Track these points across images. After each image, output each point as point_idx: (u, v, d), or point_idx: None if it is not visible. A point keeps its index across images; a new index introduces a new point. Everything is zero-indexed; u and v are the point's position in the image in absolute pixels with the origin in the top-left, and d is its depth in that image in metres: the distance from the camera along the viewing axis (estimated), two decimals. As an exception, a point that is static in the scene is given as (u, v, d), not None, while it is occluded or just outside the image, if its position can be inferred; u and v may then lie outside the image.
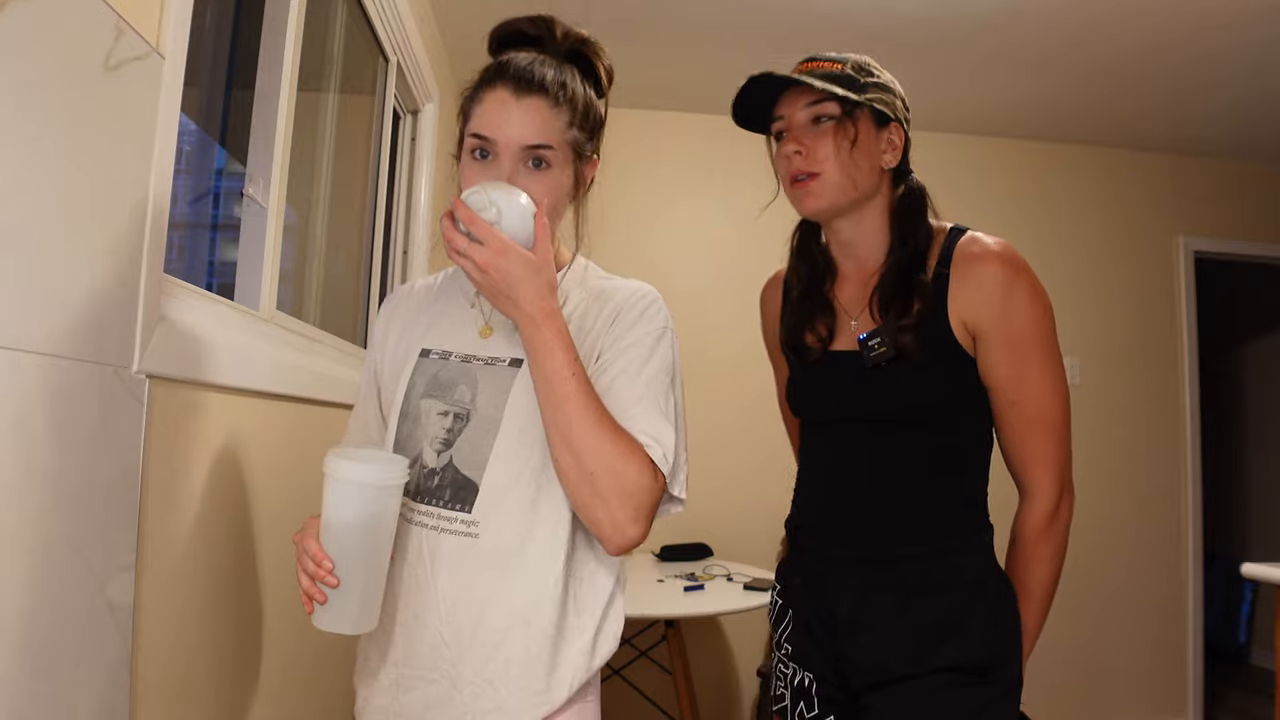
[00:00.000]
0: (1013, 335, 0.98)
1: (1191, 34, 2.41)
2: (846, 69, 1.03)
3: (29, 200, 0.65)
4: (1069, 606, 3.21)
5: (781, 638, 1.12)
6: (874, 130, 1.03)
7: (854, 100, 1.00)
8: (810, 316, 1.10)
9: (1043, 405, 0.99)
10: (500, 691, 0.87)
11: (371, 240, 2.20)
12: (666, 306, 0.98)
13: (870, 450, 1.04)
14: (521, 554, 0.89)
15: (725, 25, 2.47)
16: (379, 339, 1.05)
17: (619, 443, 0.84)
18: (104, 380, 0.76)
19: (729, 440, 2.97)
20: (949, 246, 1.02)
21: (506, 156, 0.89)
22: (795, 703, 1.09)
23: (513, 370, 0.92)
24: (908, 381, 1.00)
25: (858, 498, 1.05)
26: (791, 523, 1.16)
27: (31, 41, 0.64)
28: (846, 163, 1.01)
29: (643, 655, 2.61)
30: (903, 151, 1.06)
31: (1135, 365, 3.32)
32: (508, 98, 0.89)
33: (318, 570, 0.81)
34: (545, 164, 0.90)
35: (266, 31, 1.39)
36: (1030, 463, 1.01)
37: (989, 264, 0.99)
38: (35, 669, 0.67)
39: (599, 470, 0.83)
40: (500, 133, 0.88)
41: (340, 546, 0.81)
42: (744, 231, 3.16)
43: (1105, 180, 3.38)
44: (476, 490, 0.90)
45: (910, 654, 0.98)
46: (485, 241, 0.81)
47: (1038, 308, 0.99)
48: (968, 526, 1.03)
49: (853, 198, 1.03)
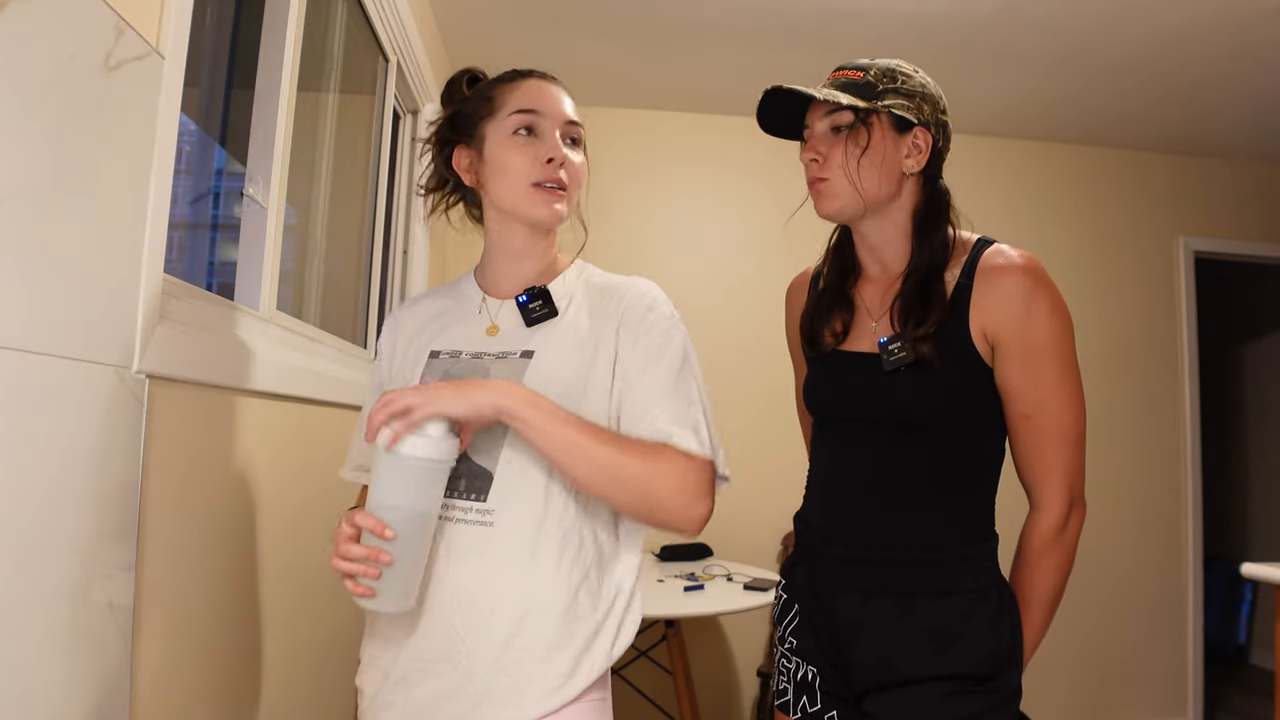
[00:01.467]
0: (1031, 347, 0.98)
1: (1192, 35, 2.41)
2: (868, 76, 1.04)
3: (29, 200, 0.65)
4: (1069, 607, 3.19)
5: (785, 632, 1.13)
6: (893, 136, 1.03)
7: (865, 108, 1.01)
8: (830, 312, 1.12)
9: (1057, 418, 0.99)
10: (518, 681, 0.87)
11: (371, 240, 2.20)
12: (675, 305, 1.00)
13: (880, 453, 1.04)
14: (537, 542, 0.89)
15: (725, 25, 2.47)
16: (386, 353, 1.07)
17: (645, 453, 0.89)
18: (104, 380, 0.76)
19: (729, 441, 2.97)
20: (974, 258, 1.02)
21: (552, 128, 0.97)
22: (798, 696, 1.09)
23: (525, 361, 0.94)
24: (925, 388, 1.00)
25: (864, 500, 1.05)
26: (800, 518, 1.16)
27: (31, 41, 0.64)
28: (853, 170, 1.02)
29: (643, 655, 2.61)
30: (930, 155, 1.05)
31: (1135, 365, 3.33)
32: (545, 84, 0.99)
33: (374, 549, 0.82)
34: (579, 142, 1.00)
35: (266, 31, 1.39)
36: (1042, 475, 1.01)
37: (1012, 275, 0.99)
38: (35, 668, 0.67)
39: (645, 489, 0.88)
40: (548, 106, 0.97)
41: (400, 523, 0.82)
42: (744, 232, 3.17)
43: (1105, 180, 3.38)
44: (491, 479, 0.91)
45: (910, 659, 0.98)
46: (398, 400, 0.83)
47: (1058, 321, 0.99)
48: (973, 534, 1.03)
49: (861, 204, 1.04)
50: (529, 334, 0.97)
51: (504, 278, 1.02)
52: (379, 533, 0.81)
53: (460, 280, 1.09)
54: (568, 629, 0.89)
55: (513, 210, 0.97)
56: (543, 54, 2.62)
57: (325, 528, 1.15)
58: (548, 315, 0.97)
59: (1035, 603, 1.03)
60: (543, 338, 0.96)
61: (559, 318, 0.98)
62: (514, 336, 0.97)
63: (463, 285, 1.07)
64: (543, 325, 0.97)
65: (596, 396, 0.94)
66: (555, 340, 0.96)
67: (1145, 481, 3.29)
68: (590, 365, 0.94)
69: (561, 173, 0.95)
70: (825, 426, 1.14)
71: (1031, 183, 3.33)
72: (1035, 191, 3.33)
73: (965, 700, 0.96)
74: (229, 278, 1.36)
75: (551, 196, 0.96)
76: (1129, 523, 3.25)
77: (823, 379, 1.13)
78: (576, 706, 0.89)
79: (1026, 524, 1.04)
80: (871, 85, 1.03)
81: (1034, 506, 1.04)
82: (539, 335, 0.96)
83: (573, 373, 0.93)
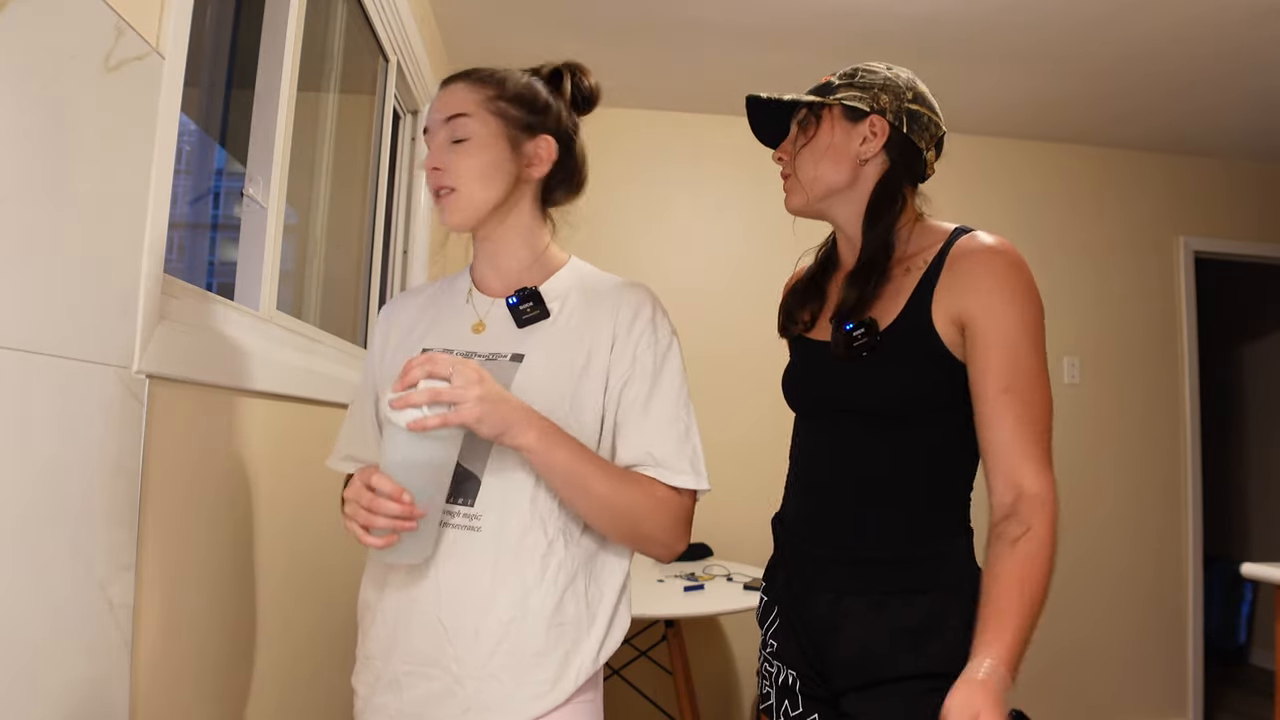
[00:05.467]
0: (1001, 325, 0.95)
1: (1192, 34, 2.41)
2: (832, 78, 1.10)
3: (29, 200, 0.65)
4: (1069, 606, 3.22)
5: (767, 635, 1.12)
6: (844, 125, 1.07)
7: (813, 102, 1.08)
8: (803, 302, 1.14)
9: (1027, 396, 0.94)
10: (506, 685, 0.87)
11: (371, 240, 2.20)
12: (664, 305, 1.00)
13: (848, 446, 1.03)
14: (524, 545, 0.89)
15: (724, 26, 2.47)
16: (378, 346, 1.06)
17: (642, 490, 0.92)
18: (104, 380, 0.76)
19: (728, 440, 2.97)
20: (948, 246, 1.02)
21: (438, 136, 0.96)
22: (780, 701, 1.08)
23: (514, 365, 0.93)
24: (881, 375, 1.00)
25: (835, 496, 1.04)
26: (777, 517, 1.15)
27: (31, 41, 0.64)
28: (805, 161, 1.09)
29: (643, 655, 2.61)
30: (888, 140, 1.05)
31: (1135, 365, 3.32)
32: (442, 91, 0.99)
33: (408, 505, 0.81)
34: (463, 136, 0.94)
35: (266, 31, 1.39)
36: (1022, 451, 0.93)
37: (982, 255, 0.98)
38: (35, 668, 0.67)
39: (637, 525, 0.92)
40: (434, 115, 0.97)
41: (418, 482, 0.83)
42: (742, 232, 3.17)
43: (1105, 180, 3.38)
44: (479, 483, 0.90)
45: (887, 657, 0.97)
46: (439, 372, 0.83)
47: (1031, 305, 0.97)
48: (947, 529, 1.01)
49: (818, 192, 1.08)
50: (520, 335, 0.96)
51: (489, 273, 1.02)
52: (397, 497, 0.81)
53: (459, 274, 1.09)
54: (555, 632, 0.89)
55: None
56: (542, 54, 2.60)
57: (325, 527, 1.15)
58: (539, 317, 0.97)
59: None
60: (534, 340, 0.95)
61: (551, 320, 0.97)
62: (504, 337, 0.96)
63: (458, 279, 1.07)
64: (534, 327, 0.97)
65: (586, 403, 0.94)
66: (547, 343, 0.95)
67: (1145, 481, 3.29)
68: (582, 371, 0.94)
69: (441, 177, 0.95)
70: (800, 421, 1.14)
71: (1031, 182, 3.33)
72: (1035, 191, 3.33)
73: (942, 699, 0.94)
74: (229, 278, 1.36)
75: (441, 202, 0.96)
76: (1129, 523, 3.25)
77: (792, 371, 1.15)
78: (566, 709, 0.89)
79: (1021, 510, 0.92)
80: (830, 85, 1.09)
81: (1021, 492, 0.93)
82: (530, 337, 0.96)
83: (563, 378, 0.93)
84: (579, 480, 0.88)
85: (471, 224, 0.97)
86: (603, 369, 0.94)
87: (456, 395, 0.81)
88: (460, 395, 0.81)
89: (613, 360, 0.95)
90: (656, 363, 0.96)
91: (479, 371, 0.84)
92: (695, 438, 0.97)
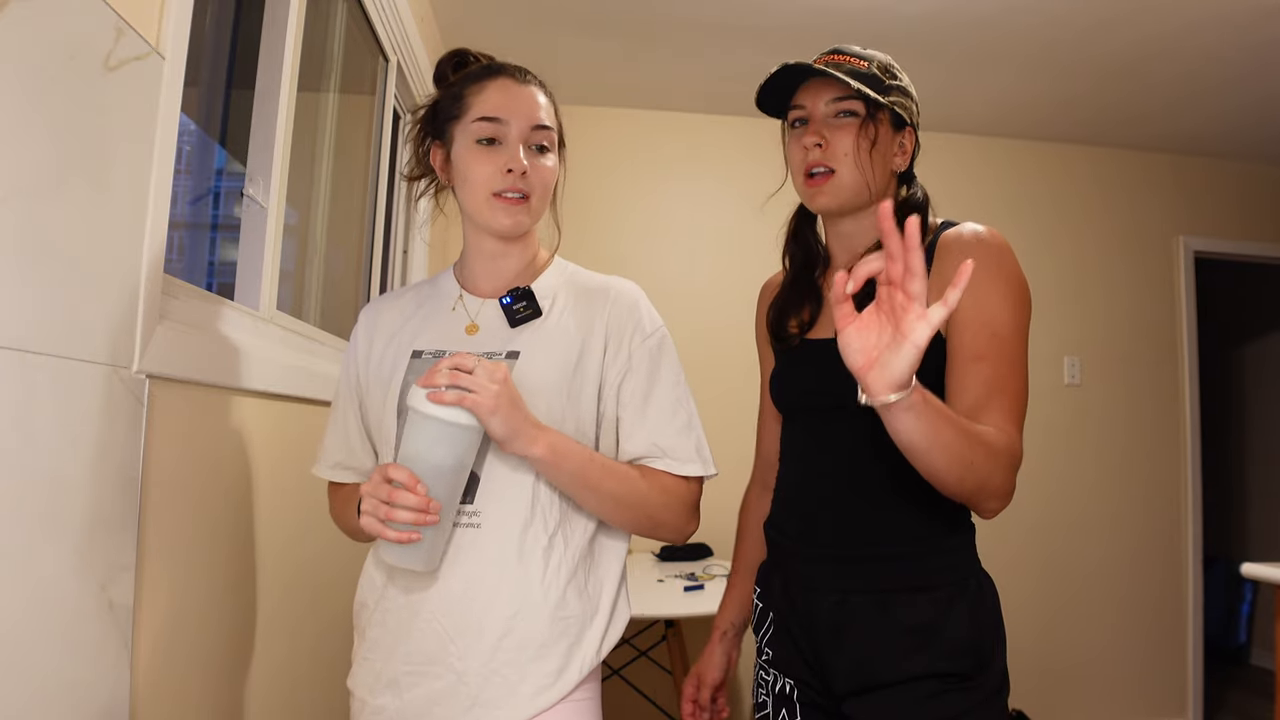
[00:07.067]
0: (981, 303, 0.94)
1: (1192, 35, 2.41)
2: (872, 68, 1.03)
3: (29, 200, 0.65)
4: (1069, 606, 3.23)
5: (762, 642, 1.10)
6: (891, 133, 1.03)
7: (879, 101, 1.00)
8: (797, 302, 1.11)
9: (1001, 369, 0.93)
10: (510, 680, 0.87)
11: (371, 240, 2.20)
12: (662, 306, 1.02)
13: (851, 444, 1.02)
14: (524, 541, 0.90)
15: (725, 25, 2.47)
16: (360, 349, 1.05)
17: (651, 482, 0.95)
18: (104, 380, 0.76)
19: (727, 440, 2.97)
20: (935, 238, 1.02)
21: (516, 135, 0.94)
22: (777, 710, 1.06)
23: (509, 363, 0.94)
24: None
25: (837, 494, 1.03)
26: (769, 523, 1.14)
27: (32, 41, 0.64)
28: (865, 163, 1.00)
29: (643, 655, 2.60)
30: (911, 156, 1.05)
31: (1135, 365, 3.32)
32: (511, 84, 0.95)
33: (426, 497, 0.81)
34: (549, 147, 0.97)
35: (266, 31, 1.39)
36: (993, 407, 0.92)
37: (968, 242, 0.98)
38: (35, 668, 0.67)
39: (650, 515, 0.95)
40: (512, 112, 0.93)
41: (432, 481, 0.83)
42: (740, 232, 3.17)
43: (1105, 180, 3.38)
44: (477, 480, 0.91)
45: (890, 659, 0.96)
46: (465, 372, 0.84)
47: (1011, 286, 0.96)
48: (949, 525, 1.00)
49: (866, 199, 1.03)
50: (513, 334, 0.97)
51: (482, 275, 1.02)
52: (412, 487, 0.81)
53: (439, 276, 1.08)
54: (558, 627, 0.89)
55: (474, 218, 0.98)
56: (542, 54, 2.62)
57: (326, 527, 1.15)
58: (532, 316, 0.97)
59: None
60: (528, 338, 0.96)
61: (543, 318, 0.97)
62: (497, 336, 0.97)
63: (441, 281, 1.06)
64: (527, 325, 0.97)
65: (582, 399, 0.95)
66: (541, 341, 0.95)
67: (1145, 481, 3.29)
68: (576, 368, 0.95)
69: (524, 182, 0.94)
70: (794, 421, 1.11)
71: (1031, 182, 3.33)
72: (1035, 191, 3.33)
73: (947, 700, 0.93)
74: (229, 278, 1.36)
75: (512, 206, 0.94)
76: (1129, 522, 3.25)
77: (789, 369, 1.11)
78: (568, 704, 0.89)
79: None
80: (878, 79, 1.02)
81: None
82: (523, 336, 0.96)
83: (559, 375, 0.94)
84: (589, 483, 0.90)
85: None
86: (596, 366, 0.96)
87: (478, 384, 0.82)
88: (481, 385, 0.82)
89: (607, 359, 0.96)
90: (651, 356, 0.98)
91: (505, 373, 0.85)
92: (697, 425, 0.99)
